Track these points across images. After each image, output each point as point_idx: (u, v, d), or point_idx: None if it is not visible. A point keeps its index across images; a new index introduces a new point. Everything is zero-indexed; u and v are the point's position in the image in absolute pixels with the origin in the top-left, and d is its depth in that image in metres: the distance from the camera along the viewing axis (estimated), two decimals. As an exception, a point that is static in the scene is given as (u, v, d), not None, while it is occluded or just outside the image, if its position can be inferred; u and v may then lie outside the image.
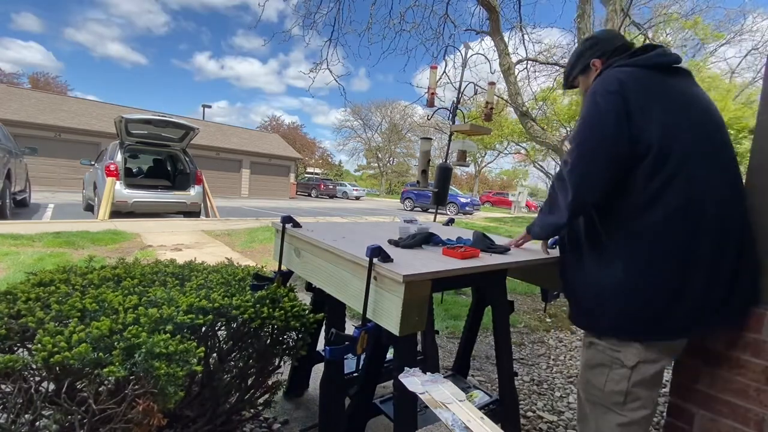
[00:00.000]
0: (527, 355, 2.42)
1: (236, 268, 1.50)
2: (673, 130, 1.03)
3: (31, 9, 74.86)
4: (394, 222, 1.88)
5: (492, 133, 2.68)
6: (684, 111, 1.08)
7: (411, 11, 6.58)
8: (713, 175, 1.04)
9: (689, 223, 1.01)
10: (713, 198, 1.02)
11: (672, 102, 1.08)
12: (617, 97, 1.05)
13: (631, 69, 1.12)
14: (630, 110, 1.04)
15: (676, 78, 1.14)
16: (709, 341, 1.15)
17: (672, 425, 1.23)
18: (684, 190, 1.01)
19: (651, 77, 1.11)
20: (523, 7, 6.61)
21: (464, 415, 0.72)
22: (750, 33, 13.95)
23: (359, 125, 43.40)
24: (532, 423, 1.71)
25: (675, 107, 1.07)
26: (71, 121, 16.00)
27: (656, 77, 1.11)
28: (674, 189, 1.01)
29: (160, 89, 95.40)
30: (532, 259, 1.24)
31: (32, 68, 71.50)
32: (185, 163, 7.92)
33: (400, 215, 9.18)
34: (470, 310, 1.70)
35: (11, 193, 6.36)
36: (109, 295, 1.08)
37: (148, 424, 0.84)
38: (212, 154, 19.26)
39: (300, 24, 6.49)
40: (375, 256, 0.96)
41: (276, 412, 1.58)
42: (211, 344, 1.14)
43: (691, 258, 1.01)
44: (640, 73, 1.11)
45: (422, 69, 14.11)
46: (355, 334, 0.97)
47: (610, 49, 1.26)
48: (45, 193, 12.17)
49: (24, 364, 0.85)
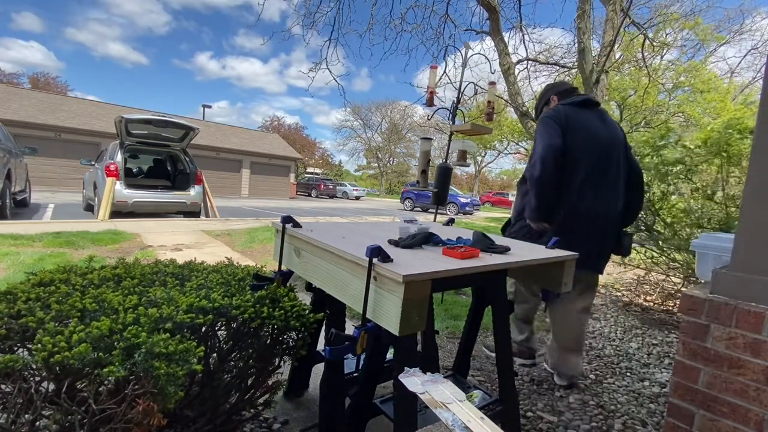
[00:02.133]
0: (527, 355, 2.41)
1: (236, 268, 1.50)
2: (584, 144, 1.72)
3: (31, 9, 74.99)
4: (394, 222, 1.88)
5: (492, 132, 2.69)
6: (592, 135, 1.76)
7: (411, 11, 6.58)
8: (599, 176, 1.75)
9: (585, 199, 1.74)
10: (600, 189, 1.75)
11: (584, 127, 1.76)
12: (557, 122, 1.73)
13: (563, 106, 1.84)
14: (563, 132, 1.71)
15: (590, 110, 1.86)
16: (710, 341, 1.15)
17: (672, 425, 1.23)
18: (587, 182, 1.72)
19: (574, 111, 1.80)
20: (523, 6, 6.62)
21: (464, 415, 0.72)
22: (750, 33, 13.94)
23: (359, 125, 43.43)
24: (532, 423, 1.71)
25: (586, 133, 1.75)
26: (71, 121, 15.99)
27: (578, 111, 1.81)
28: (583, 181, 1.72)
29: (161, 89, 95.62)
30: (532, 259, 1.24)
31: (33, 68, 71.71)
32: (185, 163, 7.92)
33: (400, 215, 9.18)
34: (470, 310, 1.70)
35: (11, 193, 6.36)
36: (109, 295, 1.08)
37: (148, 424, 0.84)
38: (212, 154, 19.26)
39: (300, 23, 6.49)
40: (375, 256, 0.96)
41: (276, 412, 1.58)
42: (211, 344, 1.14)
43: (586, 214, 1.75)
44: (569, 109, 1.81)
45: (423, 69, 14.12)
46: (355, 334, 0.97)
47: (561, 90, 2.05)
48: (45, 193, 12.17)
49: (24, 364, 0.85)
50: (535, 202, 1.71)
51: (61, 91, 30.84)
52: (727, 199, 2.91)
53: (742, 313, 1.10)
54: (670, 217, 3.32)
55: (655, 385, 2.13)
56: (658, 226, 3.40)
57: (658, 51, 10.57)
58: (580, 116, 1.77)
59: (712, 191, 3.03)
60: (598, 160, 1.74)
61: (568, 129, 1.70)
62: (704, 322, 1.17)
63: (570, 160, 1.70)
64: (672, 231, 3.20)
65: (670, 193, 3.29)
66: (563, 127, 1.70)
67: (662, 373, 2.26)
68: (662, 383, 2.14)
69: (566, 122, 1.72)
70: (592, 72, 5.91)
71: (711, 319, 1.16)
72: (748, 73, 16.46)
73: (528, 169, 1.75)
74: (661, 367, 2.35)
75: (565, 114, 1.75)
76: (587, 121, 1.77)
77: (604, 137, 1.78)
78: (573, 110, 1.79)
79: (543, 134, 1.71)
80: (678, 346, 1.23)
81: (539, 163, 1.67)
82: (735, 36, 14.14)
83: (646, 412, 1.85)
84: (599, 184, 1.75)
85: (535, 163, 1.70)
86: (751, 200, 1.10)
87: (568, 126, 1.71)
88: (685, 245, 2.95)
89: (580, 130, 1.72)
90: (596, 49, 6.54)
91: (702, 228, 2.87)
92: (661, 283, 3.89)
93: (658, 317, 3.29)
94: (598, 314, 3.30)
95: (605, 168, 1.77)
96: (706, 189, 3.05)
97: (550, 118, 1.75)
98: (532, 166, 1.72)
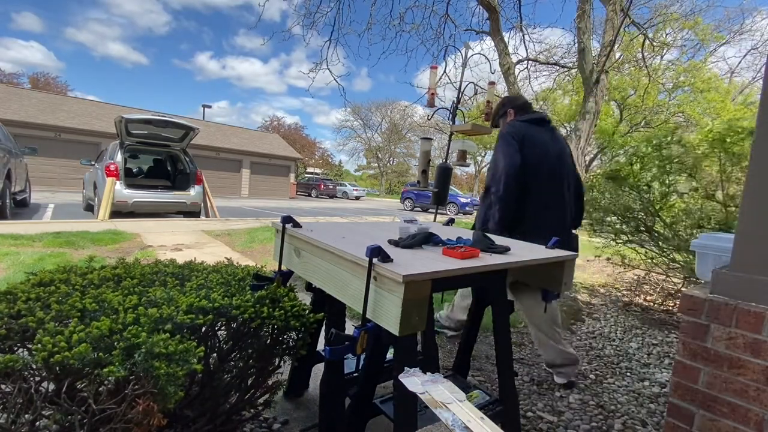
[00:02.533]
0: (527, 355, 2.42)
1: (236, 268, 1.50)
2: (536, 159, 1.91)
3: (31, 9, 74.97)
4: (394, 222, 1.88)
5: (492, 132, 2.71)
6: (545, 151, 1.97)
7: (411, 11, 6.59)
8: (553, 186, 1.97)
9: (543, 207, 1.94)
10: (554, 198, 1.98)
11: (539, 145, 1.96)
12: (515, 139, 1.93)
13: (520, 123, 2.05)
14: (521, 147, 1.91)
15: (543, 127, 2.07)
16: (710, 341, 1.15)
17: (672, 425, 1.23)
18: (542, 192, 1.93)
19: (530, 128, 2.01)
20: (523, 6, 6.62)
21: (464, 415, 0.72)
22: (750, 33, 13.93)
23: (359, 125, 43.44)
24: (532, 423, 1.71)
25: (541, 149, 1.96)
26: (71, 121, 15.99)
27: (532, 128, 2.02)
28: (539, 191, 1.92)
29: (161, 89, 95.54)
30: (532, 259, 1.24)
31: (33, 68, 71.70)
32: (185, 163, 7.92)
33: (400, 215, 9.18)
34: (470, 310, 1.70)
35: (11, 193, 6.36)
36: (109, 295, 1.08)
37: (148, 424, 0.84)
38: (212, 154, 19.26)
39: (300, 24, 6.50)
40: (375, 256, 0.96)
41: (276, 412, 1.58)
42: (211, 344, 1.14)
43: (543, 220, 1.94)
44: (523, 126, 2.01)
45: (423, 69, 14.13)
46: (355, 334, 0.97)
47: (518, 104, 2.22)
48: (45, 193, 12.17)
49: (24, 364, 0.85)
50: (498, 215, 1.88)
51: (61, 91, 30.84)
52: (727, 199, 2.91)
53: (742, 313, 1.10)
54: (670, 217, 3.32)
55: (655, 385, 2.13)
56: (658, 227, 3.40)
57: (658, 51, 10.57)
58: (535, 133, 2.00)
59: (712, 191, 3.03)
60: (551, 174, 1.97)
61: (525, 144, 1.92)
62: (704, 322, 1.17)
63: (528, 175, 1.91)
64: (672, 231, 3.20)
65: (670, 193, 3.29)
66: (521, 143, 1.92)
67: (662, 373, 2.26)
68: (662, 383, 2.14)
69: (523, 139, 1.94)
70: (592, 72, 5.91)
71: (711, 319, 1.16)
72: (748, 73, 16.45)
73: (492, 183, 1.92)
74: (661, 367, 2.35)
75: (523, 131, 1.97)
76: (541, 137, 2.00)
77: (555, 152, 2.02)
78: (529, 127, 2.01)
79: (505, 152, 1.91)
80: (678, 346, 1.23)
81: (503, 183, 1.87)
82: (735, 36, 14.15)
83: (646, 412, 1.85)
84: (553, 195, 1.98)
85: (499, 179, 1.88)
86: (751, 200, 1.10)
87: (525, 142, 1.93)
88: (685, 245, 2.95)
89: (536, 146, 1.95)
90: (596, 49, 6.54)
91: (702, 228, 2.87)
92: (661, 283, 3.89)
93: (658, 317, 3.29)
94: (598, 314, 3.30)
95: (559, 180, 2.01)
96: (706, 189, 3.05)
97: (510, 135, 1.95)
98: (497, 182, 1.89)
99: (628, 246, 3.74)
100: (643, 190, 3.31)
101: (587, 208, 3.78)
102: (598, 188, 3.75)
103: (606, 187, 3.63)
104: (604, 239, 3.87)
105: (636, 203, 3.39)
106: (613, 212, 3.54)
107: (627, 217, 3.46)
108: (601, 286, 4.31)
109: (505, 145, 1.92)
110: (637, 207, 3.39)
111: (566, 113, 14.54)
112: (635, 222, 3.45)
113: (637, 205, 3.39)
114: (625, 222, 3.52)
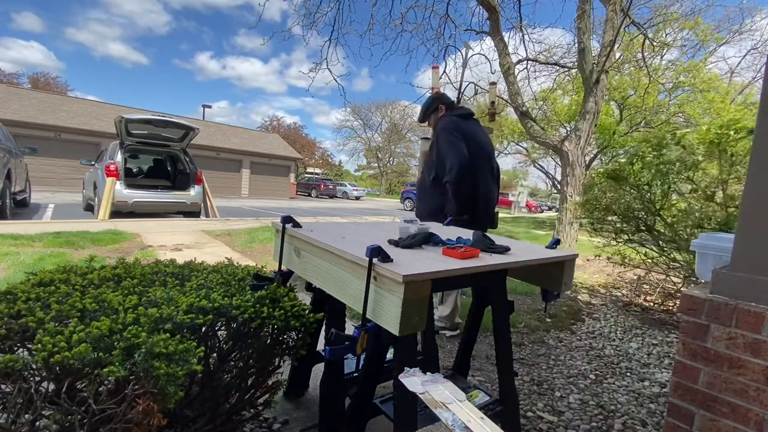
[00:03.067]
0: (527, 355, 2.42)
1: (236, 268, 1.50)
2: (473, 150, 2.19)
3: (32, 9, 74.88)
4: (394, 222, 1.88)
5: (492, 132, 2.76)
6: (479, 143, 2.27)
7: (412, 11, 6.59)
8: (485, 176, 2.29)
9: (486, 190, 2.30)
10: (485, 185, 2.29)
11: (473, 137, 2.24)
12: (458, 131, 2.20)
13: (455, 117, 2.32)
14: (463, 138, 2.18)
15: (472, 121, 2.37)
16: (710, 341, 1.15)
17: (672, 425, 1.23)
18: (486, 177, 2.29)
19: (461, 122, 2.28)
20: (523, 6, 6.62)
21: (464, 415, 0.72)
22: (750, 33, 13.91)
23: (359, 125, 43.43)
24: (532, 423, 1.71)
25: (475, 141, 2.23)
26: (71, 121, 15.99)
27: (463, 121, 2.29)
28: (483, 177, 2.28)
29: (161, 89, 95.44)
30: (532, 259, 1.24)
31: (33, 68, 71.73)
32: (185, 163, 7.92)
33: (400, 215, 9.18)
34: (470, 310, 1.70)
35: (11, 193, 6.36)
36: (109, 295, 1.08)
37: (148, 424, 0.84)
38: (212, 154, 19.25)
39: (300, 24, 6.50)
40: (375, 256, 0.96)
41: (276, 412, 1.58)
42: (211, 344, 1.14)
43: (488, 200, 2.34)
44: (460, 121, 2.29)
45: (424, 69, 14.10)
46: (355, 334, 0.97)
47: (447, 102, 2.48)
48: (45, 193, 12.17)
49: (24, 364, 0.85)
50: (456, 201, 2.16)
51: (61, 91, 30.82)
52: (728, 199, 2.90)
53: (742, 313, 1.10)
54: (671, 217, 3.32)
55: (655, 385, 2.13)
56: (659, 227, 3.40)
57: (658, 51, 10.56)
58: (469, 126, 2.29)
59: (712, 191, 3.03)
60: (489, 160, 2.32)
61: (465, 136, 2.18)
62: (704, 322, 1.17)
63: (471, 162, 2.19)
64: (672, 231, 3.20)
65: (670, 193, 3.29)
66: (463, 135, 2.17)
67: (662, 373, 2.26)
68: (662, 383, 2.14)
69: (462, 131, 2.19)
70: (592, 72, 5.91)
71: (711, 319, 1.16)
72: (748, 73, 16.42)
73: (445, 174, 2.16)
74: (661, 367, 2.35)
75: (460, 124, 2.24)
76: (474, 130, 2.30)
77: (485, 143, 2.35)
78: (461, 121, 2.28)
79: (452, 146, 2.16)
80: (678, 346, 1.23)
81: (455, 172, 2.12)
82: (735, 36, 14.12)
83: (646, 412, 1.85)
84: (487, 180, 2.32)
85: (451, 168, 2.13)
86: (751, 200, 1.10)
87: (464, 134, 2.19)
88: (686, 245, 2.95)
89: (470, 138, 2.22)
90: (596, 49, 6.53)
91: (702, 228, 2.87)
92: (661, 283, 3.89)
93: (658, 317, 3.29)
94: (598, 314, 3.30)
95: (489, 167, 2.34)
96: (707, 189, 3.05)
97: (452, 129, 2.20)
98: (449, 172, 2.14)
99: (628, 245, 3.74)
100: (643, 190, 3.31)
101: (588, 208, 3.79)
102: (599, 187, 3.75)
103: (607, 186, 3.63)
104: (604, 238, 3.87)
105: (637, 202, 3.39)
106: (614, 211, 3.53)
107: (628, 216, 3.46)
108: (601, 285, 4.31)
109: (450, 137, 2.17)
110: (637, 206, 3.39)
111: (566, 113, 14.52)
112: (636, 221, 3.45)
113: (637, 204, 3.39)
114: (625, 221, 3.52)
